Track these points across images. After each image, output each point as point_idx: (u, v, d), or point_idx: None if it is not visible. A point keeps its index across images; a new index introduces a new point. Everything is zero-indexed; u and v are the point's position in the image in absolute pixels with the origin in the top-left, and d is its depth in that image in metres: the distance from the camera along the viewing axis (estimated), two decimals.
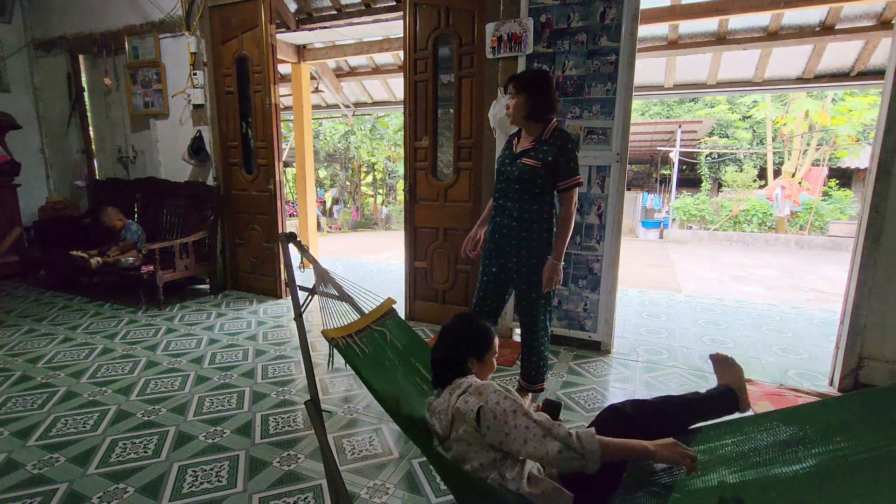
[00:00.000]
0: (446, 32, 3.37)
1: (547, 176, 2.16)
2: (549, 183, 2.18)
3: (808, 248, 10.46)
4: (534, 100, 2.15)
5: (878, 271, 2.54)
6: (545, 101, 2.16)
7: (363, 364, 1.53)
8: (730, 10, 3.73)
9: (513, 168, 2.23)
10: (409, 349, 1.75)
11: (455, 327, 1.52)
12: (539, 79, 2.18)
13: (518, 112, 2.18)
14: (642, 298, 4.63)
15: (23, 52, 5.06)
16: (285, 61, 5.42)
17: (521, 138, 2.28)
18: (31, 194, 5.09)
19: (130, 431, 2.21)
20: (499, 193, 2.31)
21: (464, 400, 1.32)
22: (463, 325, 1.52)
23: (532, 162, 2.17)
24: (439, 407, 1.40)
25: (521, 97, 2.15)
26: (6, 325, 3.61)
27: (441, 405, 1.40)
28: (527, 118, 2.19)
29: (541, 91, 2.15)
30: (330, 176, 16.27)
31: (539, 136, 2.19)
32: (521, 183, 2.20)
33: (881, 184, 2.49)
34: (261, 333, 3.49)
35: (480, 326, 1.52)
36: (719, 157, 15.05)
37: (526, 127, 2.23)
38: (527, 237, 2.23)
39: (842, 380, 2.68)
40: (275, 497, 1.78)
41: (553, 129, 2.18)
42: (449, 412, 1.35)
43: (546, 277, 2.21)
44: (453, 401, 1.35)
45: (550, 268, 2.20)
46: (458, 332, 1.51)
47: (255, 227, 4.33)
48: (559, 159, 2.14)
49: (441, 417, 1.38)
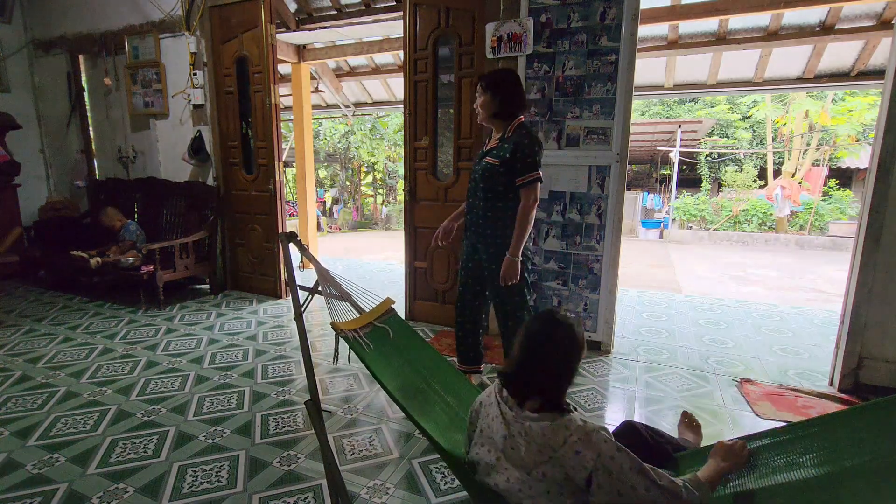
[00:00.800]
0: (446, 32, 3.37)
1: (507, 173, 2.19)
2: (510, 180, 2.20)
3: (809, 248, 10.45)
4: (500, 98, 2.18)
5: (878, 271, 2.54)
6: (512, 100, 2.20)
7: (371, 358, 1.53)
8: (730, 10, 3.73)
9: (478, 167, 2.30)
10: (410, 347, 1.74)
11: (557, 332, 1.22)
12: (505, 78, 2.23)
13: (485, 110, 2.23)
14: (642, 298, 4.63)
15: (23, 52, 5.06)
16: (285, 61, 5.41)
17: (492, 137, 2.33)
18: (31, 194, 5.09)
19: (130, 431, 2.21)
20: (469, 192, 2.39)
21: (573, 449, 1.12)
22: (565, 329, 1.22)
23: (492, 160, 2.22)
24: (521, 430, 1.18)
25: (488, 95, 2.19)
26: (6, 325, 3.61)
27: (525, 429, 1.18)
28: (494, 116, 2.24)
29: (507, 90, 2.19)
30: (330, 176, 16.27)
31: (503, 135, 2.24)
32: (485, 181, 2.25)
33: (881, 184, 2.49)
34: (261, 333, 3.49)
35: (580, 332, 1.25)
36: (719, 157, 15.05)
37: (494, 125, 2.29)
38: (492, 234, 2.29)
39: (842, 380, 2.68)
40: (275, 497, 1.78)
41: (515, 127, 2.21)
42: (545, 452, 1.15)
43: (501, 273, 2.23)
44: (556, 441, 1.14)
45: (506, 263, 2.22)
46: (561, 338, 1.22)
47: (255, 227, 4.33)
48: (516, 155, 2.15)
49: (522, 443, 1.18)
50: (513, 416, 1.21)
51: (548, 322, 1.24)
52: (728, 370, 2.95)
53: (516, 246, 2.20)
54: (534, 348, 1.22)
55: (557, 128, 3.07)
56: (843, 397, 2.60)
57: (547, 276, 3.22)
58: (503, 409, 1.23)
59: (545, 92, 3.07)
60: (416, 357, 1.74)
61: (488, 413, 1.28)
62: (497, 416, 1.24)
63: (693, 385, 2.75)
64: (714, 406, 2.51)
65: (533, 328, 1.25)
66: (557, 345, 1.21)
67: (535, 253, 3.23)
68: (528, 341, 1.23)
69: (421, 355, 1.76)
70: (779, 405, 2.50)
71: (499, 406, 1.25)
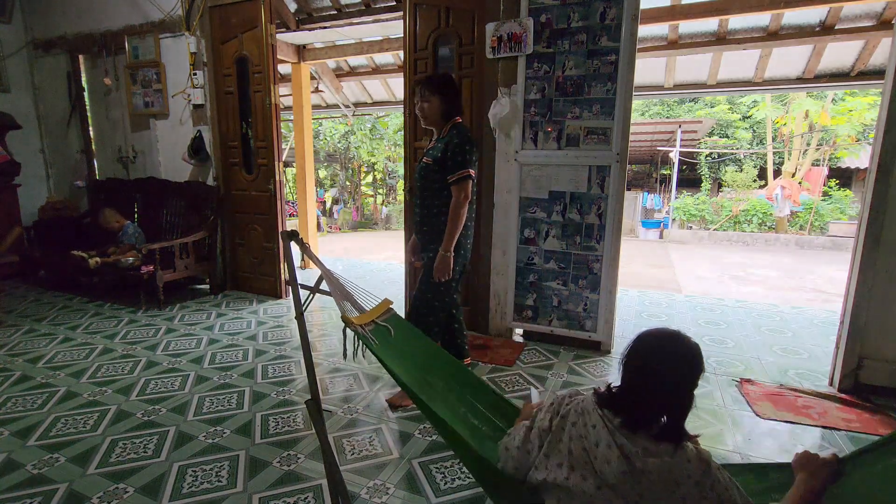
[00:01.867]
0: (446, 32, 3.37)
1: (440, 171, 2.28)
2: (444, 178, 2.28)
3: (809, 248, 10.45)
4: (447, 100, 2.31)
5: (878, 271, 2.54)
6: (455, 102, 2.35)
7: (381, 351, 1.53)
8: (730, 10, 3.73)
9: (419, 166, 2.40)
10: (411, 344, 1.74)
11: (685, 350, 1.10)
12: (449, 81, 2.37)
13: (434, 113, 2.32)
14: (642, 298, 4.62)
15: (23, 52, 5.06)
16: (285, 61, 5.41)
17: (433, 139, 2.42)
18: (31, 194, 5.09)
19: (130, 431, 2.21)
20: (414, 192, 2.49)
21: (694, 481, 1.04)
22: (692, 352, 1.10)
23: (427, 160, 2.33)
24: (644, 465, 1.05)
25: (437, 98, 2.30)
26: (6, 325, 3.61)
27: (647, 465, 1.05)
28: (441, 118, 2.33)
29: (452, 93, 2.33)
30: (330, 176, 16.27)
31: (439, 135, 2.36)
32: (422, 180, 2.36)
33: (881, 184, 2.49)
34: (261, 333, 3.49)
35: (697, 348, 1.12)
36: (719, 157, 15.05)
37: (438, 127, 2.36)
38: (428, 231, 2.37)
39: (842, 380, 2.68)
40: (275, 497, 1.78)
41: (450, 127, 2.33)
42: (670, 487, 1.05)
43: (434, 267, 2.32)
44: (680, 475, 1.04)
45: (438, 259, 2.31)
46: (689, 356, 1.10)
47: (255, 227, 4.33)
48: (447, 153, 2.25)
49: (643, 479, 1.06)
50: (636, 451, 1.06)
51: (673, 340, 1.12)
52: (728, 370, 2.95)
53: (448, 241, 2.29)
54: (662, 369, 1.09)
55: (557, 128, 3.07)
56: (844, 397, 2.60)
57: (547, 276, 3.22)
58: (619, 441, 1.08)
59: (545, 92, 3.07)
60: (418, 353, 1.73)
61: (584, 436, 1.13)
62: (608, 444, 1.09)
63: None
64: (714, 406, 2.51)
65: (655, 346, 1.12)
66: (686, 364, 1.09)
67: (535, 253, 3.23)
68: (654, 361, 1.10)
69: (423, 351, 1.75)
70: (779, 405, 2.50)
71: (612, 436, 1.09)
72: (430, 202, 2.36)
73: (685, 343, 1.11)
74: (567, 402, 1.23)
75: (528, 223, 3.23)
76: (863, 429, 2.29)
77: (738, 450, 2.13)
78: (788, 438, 2.23)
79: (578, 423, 1.15)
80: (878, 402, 2.53)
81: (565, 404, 1.22)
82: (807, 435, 2.26)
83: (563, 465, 1.15)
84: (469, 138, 2.29)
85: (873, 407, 2.49)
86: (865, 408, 2.48)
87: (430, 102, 2.30)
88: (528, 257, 3.25)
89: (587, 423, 1.13)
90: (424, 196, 2.37)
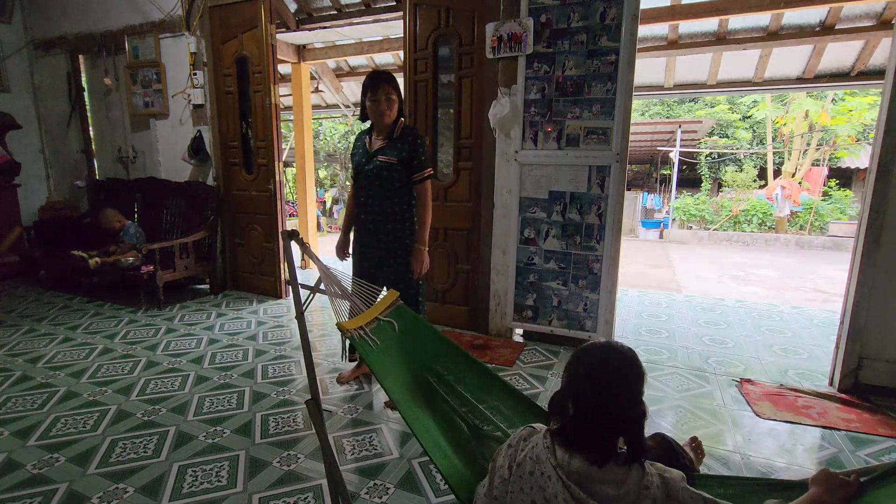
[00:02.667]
0: (446, 32, 3.37)
1: (403, 171, 2.37)
2: (405, 177, 2.38)
3: (809, 248, 10.45)
4: (400, 101, 2.39)
5: (879, 271, 2.54)
6: (402, 103, 2.45)
7: (376, 357, 1.51)
8: (730, 10, 3.73)
9: (371, 166, 2.38)
10: (416, 338, 1.70)
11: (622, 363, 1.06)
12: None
13: (395, 113, 2.37)
14: (642, 298, 4.62)
15: (23, 52, 5.06)
16: (285, 61, 5.41)
17: (374, 138, 2.43)
18: (31, 194, 5.09)
19: (130, 431, 2.21)
20: (361, 192, 2.45)
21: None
22: (628, 359, 1.06)
23: (388, 159, 2.36)
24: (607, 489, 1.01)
25: (398, 98, 2.37)
26: (6, 325, 3.61)
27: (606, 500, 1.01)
28: (396, 117, 2.40)
29: (400, 94, 2.42)
30: (330, 176, 16.25)
31: (391, 135, 2.39)
32: (382, 179, 2.38)
33: (881, 184, 2.49)
34: (261, 333, 3.49)
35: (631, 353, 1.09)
36: (719, 157, 15.05)
37: (391, 126, 2.39)
38: (392, 229, 2.41)
39: (842, 380, 2.68)
40: (275, 497, 1.78)
41: (402, 127, 2.41)
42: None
43: (416, 263, 2.42)
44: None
45: (418, 254, 2.41)
46: (627, 371, 1.05)
47: (255, 227, 4.33)
48: (412, 153, 2.36)
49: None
50: (585, 497, 1.01)
51: (606, 353, 1.07)
52: (728, 370, 2.95)
53: (423, 236, 2.42)
54: (606, 385, 1.03)
55: (557, 128, 3.07)
56: (844, 397, 2.60)
57: (547, 276, 3.22)
58: (574, 493, 1.01)
59: (545, 92, 3.07)
60: (422, 348, 1.68)
61: (543, 487, 1.06)
62: (565, 498, 1.03)
63: (693, 385, 2.75)
64: (714, 406, 2.51)
65: (592, 364, 1.07)
66: (627, 374, 1.04)
67: (535, 253, 3.23)
68: (595, 379, 1.04)
69: (427, 344, 1.70)
70: (779, 405, 2.50)
71: (566, 488, 1.02)
72: (392, 201, 2.39)
73: (619, 352, 1.06)
74: (521, 446, 1.15)
75: (528, 223, 3.23)
76: (863, 429, 2.29)
77: (738, 450, 2.13)
78: (788, 438, 2.23)
79: (535, 473, 1.09)
80: (878, 402, 2.53)
81: (520, 450, 1.15)
82: (807, 435, 2.26)
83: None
84: (425, 140, 2.43)
85: (873, 407, 2.49)
86: (865, 408, 2.48)
87: (393, 102, 2.35)
88: (528, 257, 3.25)
89: (543, 473, 1.07)
90: (385, 196, 2.39)
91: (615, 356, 1.06)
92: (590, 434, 1.04)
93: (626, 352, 1.07)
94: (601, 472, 1.02)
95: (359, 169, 2.44)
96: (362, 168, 2.42)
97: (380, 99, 2.31)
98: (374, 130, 2.45)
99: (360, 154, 2.46)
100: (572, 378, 1.08)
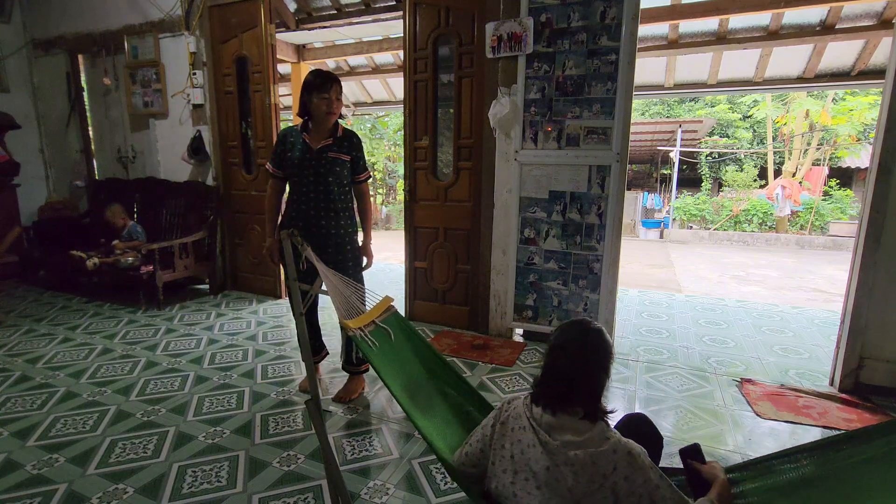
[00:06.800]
0: (446, 32, 3.36)
1: (351, 168, 2.46)
2: (350, 175, 2.47)
3: (809, 247, 10.45)
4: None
5: (879, 271, 2.53)
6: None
7: (376, 356, 1.51)
8: (730, 10, 3.73)
9: (320, 162, 2.37)
10: (410, 348, 1.72)
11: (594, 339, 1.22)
12: None
13: (339, 112, 2.40)
14: (642, 298, 4.62)
15: (22, 52, 5.06)
16: (285, 61, 5.41)
17: (313, 135, 2.40)
18: (31, 194, 5.09)
19: (130, 432, 2.21)
20: (305, 188, 2.40)
21: (623, 475, 1.11)
22: (599, 336, 1.22)
23: (339, 155, 2.40)
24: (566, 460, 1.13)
25: (342, 98, 2.40)
26: (6, 325, 3.61)
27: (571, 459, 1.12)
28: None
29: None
30: None
31: (334, 134, 2.40)
32: (335, 175, 2.39)
33: (881, 184, 2.49)
34: (260, 333, 3.49)
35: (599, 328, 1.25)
36: (720, 156, 15.04)
37: (330, 125, 2.39)
38: (343, 224, 2.45)
39: (842, 380, 2.67)
40: (275, 497, 1.78)
41: (344, 128, 2.45)
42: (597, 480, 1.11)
43: (368, 257, 2.56)
44: (606, 468, 1.11)
45: (370, 249, 2.58)
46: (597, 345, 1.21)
47: (254, 227, 4.32)
48: (358, 154, 2.46)
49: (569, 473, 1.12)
50: (556, 445, 1.13)
51: (582, 329, 1.23)
52: (728, 370, 2.95)
53: (369, 232, 2.62)
54: (576, 355, 1.19)
55: (557, 127, 3.07)
56: (844, 397, 2.60)
57: (547, 276, 3.22)
58: (542, 438, 1.15)
59: (545, 92, 3.07)
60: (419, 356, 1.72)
61: (520, 439, 1.19)
62: (533, 443, 1.16)
63: (693, 385, 2.74)
64: (714, 406, 2.51)
65: (567, 336, 1.23)
66: (596, 350, 1.20)
67: (535, 253, 3.23)
68: (569, 349, 1.21)
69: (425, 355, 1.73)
70: (779, 405, 2.50)
71: (535, 434, 1.17)
72: (340, 196, 2.43)
73: (595, 332, 1.22)
74: (506, 408, 1.28)
75: (528, 223, 3.22)
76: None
77: (739, 450, 2.12)
78: (789, 439, 2.23)
79: (517, 428, 1.22)
80: (878, 402, 2.53)
81: (504, 411, 1.28)
82: (807, 435, 2.25)
83: (507, 470, 1.21)
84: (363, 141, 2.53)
85: (874, 407, 2.49)
86: (866, 408, 2.48)
87: (340, 102, 2.37)
88: (529, 257, 3.25)
89: (521, 427, 1.20)
90: (334, 191, 2.39)
91: (593, 333, 1.22)
92: (555, 391, 1.18)
93: (601, 331, 1.23)
94: (567, 421, 1.16)
95: (304, 165, 2.36)
96: (309, 164, 2.35)
97: (331, 98, 2.30)
98: (310, 129, 2.38)
99: (300, 149, 2.37)
100: (552, 346, 1.24)
